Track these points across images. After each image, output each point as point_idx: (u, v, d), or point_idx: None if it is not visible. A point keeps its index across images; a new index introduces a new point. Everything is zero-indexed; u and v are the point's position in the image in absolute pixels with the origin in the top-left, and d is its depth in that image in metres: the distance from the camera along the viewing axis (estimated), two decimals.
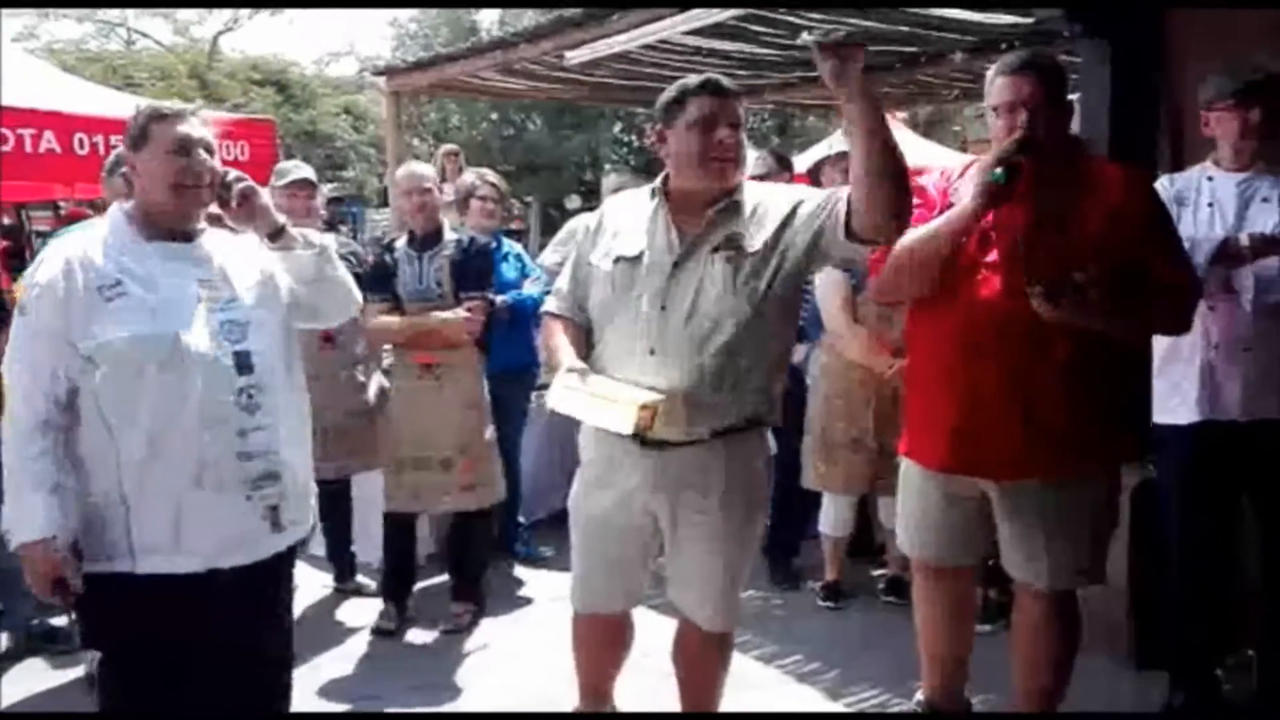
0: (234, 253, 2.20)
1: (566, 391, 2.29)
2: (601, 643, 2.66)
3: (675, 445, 2.31)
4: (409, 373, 3.78)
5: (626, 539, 2.48)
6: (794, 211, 2.33)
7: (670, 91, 2.39)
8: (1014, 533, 2.56)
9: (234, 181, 2.16)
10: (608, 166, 18.89)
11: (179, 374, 2.01)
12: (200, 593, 2.07)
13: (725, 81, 2.37)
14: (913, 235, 2.47)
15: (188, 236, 2.15)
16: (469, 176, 4.61)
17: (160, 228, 2.12)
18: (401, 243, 3.82)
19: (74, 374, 2.01)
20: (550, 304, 2.59)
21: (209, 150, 2.12)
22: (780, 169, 4.34)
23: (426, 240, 3.81)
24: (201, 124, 2.13)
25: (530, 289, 4.27)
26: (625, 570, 2.53)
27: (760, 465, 2.49)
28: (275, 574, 2.25)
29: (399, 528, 3.91)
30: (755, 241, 2.31)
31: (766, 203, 2.38)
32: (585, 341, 2.46)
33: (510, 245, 4.61)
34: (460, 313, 3.71)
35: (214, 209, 2.19)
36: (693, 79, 2.38)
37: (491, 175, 4.60)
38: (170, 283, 2.07)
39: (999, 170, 2.37)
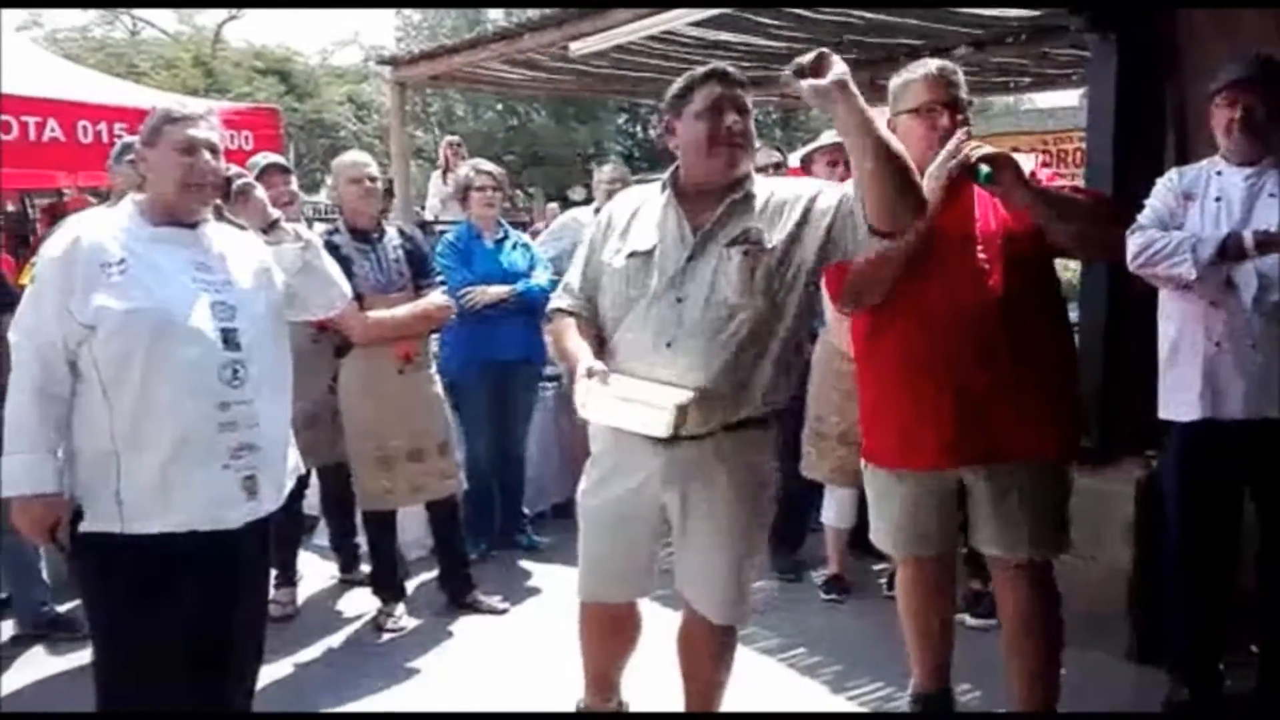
0: (234, 244, 2.37)
1: (592, 397, 2.23)
2: (607, 632, 2.66)
3: (686, 439, 2.30)
4: (387, 365, 3.68)
5: (635, 530, 2.47)
6: (809, 209, 2.32)
7: (678, 83, 2.40)
8: (993, 511, 2.59)
9: (234, 177, 2.37)
10: (613, 158, 18.84)
11: (169, 345, 2.15)
12: (182, 557, 2.20)
13: (732, 69, 2.38)
14: None
15: (191, 226, 2.30)
16: (464, 169, 4.56)
17: (165, 217, 2.28)
18: (342, 238, 3.67)
19: (74, 343, 2.15)
20: (560, 301, 2.55)
21: (214, 152, 2.29)
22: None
23: (370, 231, 3.74)
24: (210, 128, 2.30)
25: (538, 279, 4.26)
26: (632, 561, 2.53)
27: (768, 459, 2.48)
28: (253, 547, 2.36)
29: (383, 524, 3.86)
30: (773, 238, 2.31)
31: (779, 197, 2.37)
32: (598, 337, 2.45)
33: (517, 235, 4.60)
34: (440, 297, 3.79)
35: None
36: (700, 69, 2.39)
37: (486, 164, 4.53)
38: (169, 264, 2.22)
39: (987, 169, 2.42)
